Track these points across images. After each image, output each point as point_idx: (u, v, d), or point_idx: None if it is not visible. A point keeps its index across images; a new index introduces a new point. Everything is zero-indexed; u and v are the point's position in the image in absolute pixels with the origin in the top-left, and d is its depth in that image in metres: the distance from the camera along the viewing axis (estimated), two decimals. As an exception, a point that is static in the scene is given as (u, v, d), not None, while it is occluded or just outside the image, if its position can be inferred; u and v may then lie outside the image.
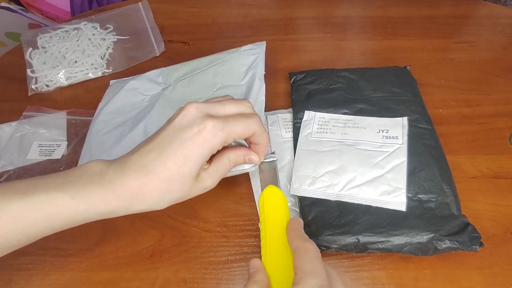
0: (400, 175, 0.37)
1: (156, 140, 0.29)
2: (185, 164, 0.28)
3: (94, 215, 0.28)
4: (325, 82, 0.47)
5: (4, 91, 0.54)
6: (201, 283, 0.35)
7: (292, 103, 0.46)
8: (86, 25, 0.59)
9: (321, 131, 0.42)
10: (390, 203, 0.36)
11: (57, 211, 0.26)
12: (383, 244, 0.34)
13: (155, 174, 0.28)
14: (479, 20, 0.60)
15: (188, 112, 0.29)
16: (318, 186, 0.38)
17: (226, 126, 0.29)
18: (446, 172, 0.38)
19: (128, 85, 0.49)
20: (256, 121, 0.31)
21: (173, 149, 0.28)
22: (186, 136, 0.28)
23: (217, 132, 0.28)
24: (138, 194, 0.28)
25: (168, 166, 0.28)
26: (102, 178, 0.28)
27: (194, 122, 0.28)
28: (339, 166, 0.39)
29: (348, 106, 0.44)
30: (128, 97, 0.48)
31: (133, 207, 0.28)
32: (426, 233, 0.33)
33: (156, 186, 0.28)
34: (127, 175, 0.27)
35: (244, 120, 0.30)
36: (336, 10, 0.63)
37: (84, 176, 0.28)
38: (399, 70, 0.49)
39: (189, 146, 0.28)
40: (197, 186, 0.30)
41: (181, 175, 0.28)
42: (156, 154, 0.28)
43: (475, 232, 0.34)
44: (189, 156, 0.28)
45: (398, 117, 0.42)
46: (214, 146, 0.29)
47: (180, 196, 0.29)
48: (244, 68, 0.46)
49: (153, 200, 0.28)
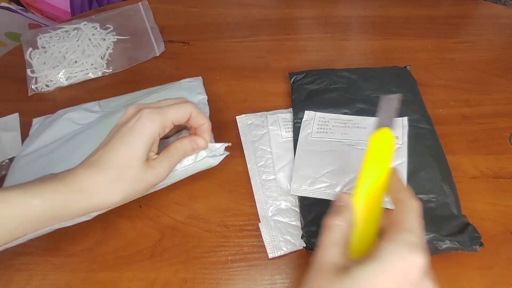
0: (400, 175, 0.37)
1: (104, 141, 0.32)
2: (129, 150, 0.30)
3: (50, 209, 0.28)
4: (325, 82, 0.47)
5: (4, 91, 0.54)
6: (201, 283, 0.35)
7: (292, 103, 0.46)
8: (86, 25, 0.59)
9: (321, 131, 0.42)
10: (390, 203, 0.35)
11: (10, 208, 0.27)
12: None
13: (103, 164, 0.30)
14: (479, 20, 0.60)
15: (127, 111, 0.33)
16: (318, 186, 0.38)
17: (161, 111, 0.32)
18: (446, 172, 0.38)
19: (61, 118, 0.45)
20: (190, 104, 0.34)
21: (116, 140, 0.30)
22: (126, 127, 0.31)
23: (153, 116, 0.31)
24: (90, 186, 0.29)
25: (114, 155, 0.30)
26: (54, 175, 0.30)
27: (132, 115, 0.32)
28: (339, 166, 0.39)
29: (348, 106, 0.44)
30: (60, 129, 0.44)
31: (86, 200, 0.29)
32: (427, 233, 0.33)
33: (105, 175, 0.29)
34: (77, 171, 0.30)
35: (178, 105, 0.33)
36: (336, 10, 0.63)
37: (42, 178, 0.30)
38: (400, 70, 0.49)
39: (130, 135, 0.30)
40: (148, 173, 0.31)
41: (128, 160, 0.30)
42: (102, 150, 0.31)
43: (475, 232, 0.34)
44: (132, 142, 0.30)
45: (398, 117, 0.42)
46: (154, 130, 0.31)
47: (132, 184, 0.31)
48: (185, 93, 0.46)
49: (103, 191, 0.30)
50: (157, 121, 0.31)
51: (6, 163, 0.45)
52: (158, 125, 0.31)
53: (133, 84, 0.54)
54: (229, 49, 0.58)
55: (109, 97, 0.52)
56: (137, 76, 0.55)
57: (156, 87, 0.49)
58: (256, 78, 0.52)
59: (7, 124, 0.49)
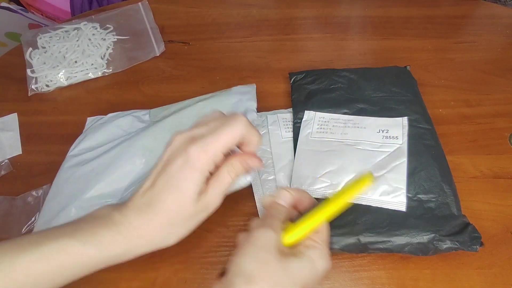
0: (400, 175, 0.37)
1: (150, 178, 0.30)
2: (179, 196, 0.28)
3: (106, 258, 0.28)
4: (325, 82, 0.47)
5: (4, 91, 0.54)
6: (202, 283, 0.35)
7: (292, 103, 0.46)
8: (86, 25, 0.59)
9: (321, 131, 0.42)
10: (390, 203, 0.36)
11: (68, 259, 0.26)
12: (383, 244, 0.34)
13: (154, 210, 0.28)
14: (479, 20, 0.60)
15: (173, 144, 0.30)
16: (318, 186, 0.38)
17: (209, 146, 0.29)
18: (446, 172, 0.38)
19: (112, 123, 0.45)
20: (240, 122, 0.30)
21: (164, 183, 0.29)
22: (173, 169, 0.29)
23: (200, 155, 0.28)
24: (143, 233, 0.28)
25: (163, 200, 0.28)
26: (109, 221, 0.28)
27: (178, 153, 0.29)
28: (339, 166, 0.38)
29: (348, 106, 0.44)
30: (109, 134, 0.45)
31: (142, 248, 0.29)
32: (427, 233, 0.33)
33: (158, 221, 0.28)
34: (130, 216, 0.28)
35: (227, 130, 0.29)
36: (336, 10, 0.63)
37: (92, 221, 0.29)
38: (399, 70, 0.49)
39: (179, 179, 0.28)
40: (200, 211, 0.30)
41: (179, 206, 0.29)
42: (152, 193, 0.29)
43: (475, 232, 0.34)
44: (181, 187, 0.28)
45: (398, 117, 0.42)
46: (202, 170, 0.29)
47: (186, 225, 0.30)
48: (234, 101, 0.44)
49: (159, 236, 0.29)
50: (204, 159, 0.29)
51: (6, 163, 0.45)
52: (206, 162, 0.29)
53: (133, 84, 0.54)
54: (229, 49, 0.58)
55: (109, 97, 0.53)
56: (137, 76, 0.55)
57: (207, 95, 0.47)
58: (256, 78, 0.52)
59: (6, 124, 0.49)
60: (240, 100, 0.45)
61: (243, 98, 0.45)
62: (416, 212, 0.35)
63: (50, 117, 0.51)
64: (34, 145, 0.48)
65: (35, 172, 0.45)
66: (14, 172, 0.45)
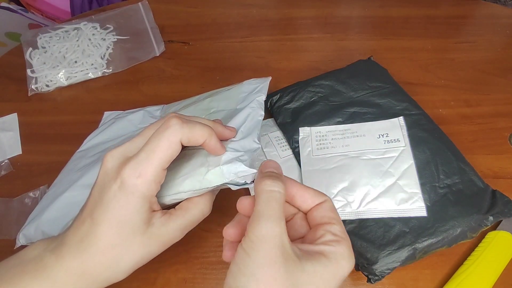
0: (412, 180, 0.36)
1: (87, 208, 0.26)
2: (119, 227, 0.24)
3: None
4: (304, 96, 0.45)
5: (4, 91, 0.54)
6: (202, 283, 0.35)
7: (279, 128, 0.44)
8: (86, 25, 0.59)
9: (322, 147, 0.40)
10: (410, 211, 0.34)
11: None
12: (440, 243, 0.33)
13: (93, 247, 0.24)
14: (479, 20, 0.60)
15: (104, 165, 0.26)
16: (336, 207, 0.37)
17: (143, 165, 0.24)
18: (455, 150, 0.39)
19: (124, 118, 0.46)
20: (171, 128, 0.25)
21: (100, 215, 0.24)
22: (109, 197, 0.24)
23: (137, 180, 0.24)
24: (84, 273, 0.24)
25: (103, 235, 0.24)
26: (38, 265, 0.24)
27: (112, 177, 0.25)
28: (350, 182, 0.37)
29: (338, 114, 0.42)
30: (120, 128, 0.45)
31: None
32: (471, 217, 0.34)
33: (99, 259, 0.24)
34: (64, 257, 0.24)
35: (157, 142, 0.25)
36: (336, 10, 0.63)
37: (19, 265, 0.25)
38: (367, 64, 0.48)
39: (116, 209, 0.24)
40: (153, 244, 0.26)
41: (122, 240, 0.25)
42: (87, 226, 0.25)
43: (504, 197, 0.35)
44: (120, 218, 0.24)
45: (391, 112, 0.41)
46: (143, 196, 0.25)
47: (135, 257, 0.26)
48: (243, 95, 0.42)
49: (104, 274, 0.25)
50: (144, 186, 0.25)
51: (6, 163, 0.45)
52: (148, 188, 0.25)
53: (133, 84, 0.54)
54: (229, 49, 0.58)
55: (109, 97, 0.53)
56: (137, 76, 0.55)
57: (219, 89, 0.45)
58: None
59: (6, 124, 0.49)
60: (249, 94, 0.42)
61: (252, 92, 0.42)
62: (451, 199, 0.35)
63: (50, 117, 0.51)
64: (34, 145, 0.48)
65: (35, 172, 0.45)
66: (14, 172, 0.45)
